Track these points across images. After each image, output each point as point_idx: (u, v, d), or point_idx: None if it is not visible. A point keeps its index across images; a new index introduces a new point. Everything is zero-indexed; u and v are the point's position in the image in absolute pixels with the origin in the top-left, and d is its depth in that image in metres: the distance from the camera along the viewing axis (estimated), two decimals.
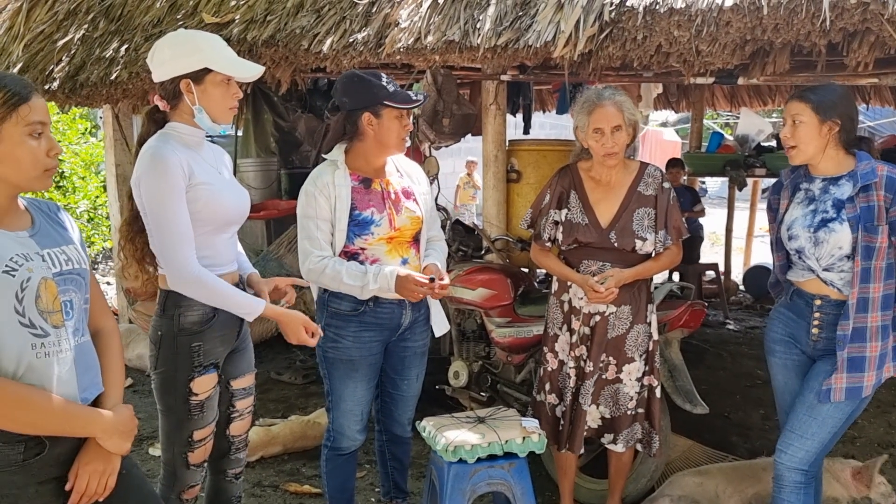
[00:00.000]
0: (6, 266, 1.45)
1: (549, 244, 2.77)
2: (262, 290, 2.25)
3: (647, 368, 2.73)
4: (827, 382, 2.25)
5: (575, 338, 2.72)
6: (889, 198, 2.17)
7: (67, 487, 1.56)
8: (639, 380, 2.71)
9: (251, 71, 2.14)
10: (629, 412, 2.72)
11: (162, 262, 2.07)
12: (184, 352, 2.10)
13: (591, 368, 2.69)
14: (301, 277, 2.45)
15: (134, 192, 2.08)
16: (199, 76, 2.06)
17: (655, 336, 2.75)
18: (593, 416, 2.75)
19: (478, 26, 3.11)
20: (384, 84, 2.38)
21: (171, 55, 2.07)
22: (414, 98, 2.42)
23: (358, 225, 2.42)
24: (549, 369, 2.80)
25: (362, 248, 2.44)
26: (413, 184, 2.58)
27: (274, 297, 2.29)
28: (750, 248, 8.32)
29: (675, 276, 6.61)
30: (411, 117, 4.28)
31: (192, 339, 2.10)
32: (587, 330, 2.70)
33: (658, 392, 2.75)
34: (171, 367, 2.12)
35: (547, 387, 2.80)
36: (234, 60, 2.13)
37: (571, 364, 2.73)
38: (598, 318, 2.68)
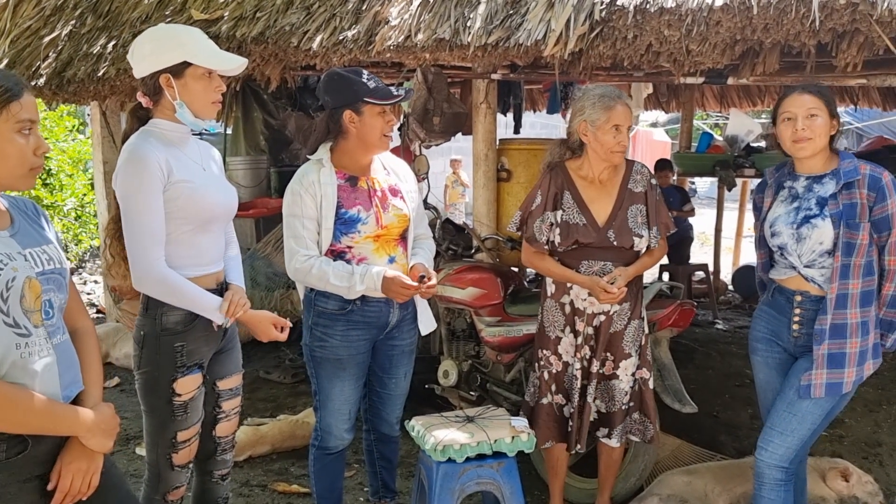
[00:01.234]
0: None
1: (546, 247, 2.74)
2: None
3: (639, 362, 2.74)
4: (807, 378, 2.26)
5: (580, 339, 2.72)
6: (872, 196, 2.20)
7: (50, 487, 1.54)
8: (633, 374, 2.73)
9: (232, 63, 2.10)
10: (623, 407, 2.73)
11: (129, 260, 2.03)
12: (166, 352, 2.08)
13: (597, 367, 2.71)
14: (288, 277, 2.43)
15: (115, 190, 2.07)
16: (179, 70, 2.03)
17: (646, 329, 2.78)
18: (590, 411, 2.75)
19: (468, 24, 3.11)
20: (364, 81, 2.36)
21: (150, 50, 2.05)
22: (395, 93, 2.39)
23: (345, 223, 2.40)
24: (554, 371, 2.78)
25: (349, 247, 2.43)
26: (400, 181, 2.56)
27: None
28: (739, 248, 8.36)
29: (665, 276, 6.63)
30: (402, 115, 4.27)
31: (174, 339, 2.08)
32: (591, 330, 2.71)
33: (650, 383, 2.77)
34: (153, 367, 2.09)
35: (553, 388, 2.78)
36: (215, 53, 2.09)
37: (577, 365, 2.73)
38: (602, 317, 2.69)
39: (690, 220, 6.74)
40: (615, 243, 2.63)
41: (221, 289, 2.21)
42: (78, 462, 1.56)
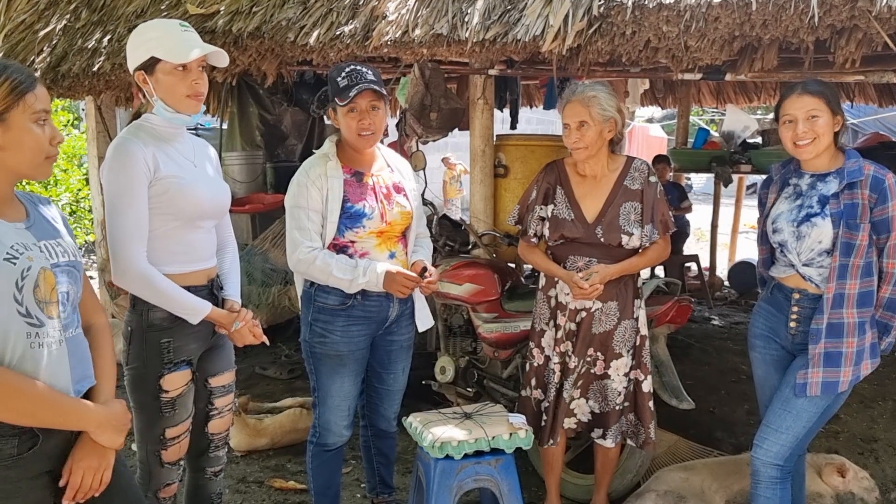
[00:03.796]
0: (7, 254, 1.45)
1: (535, 240, 2.77)
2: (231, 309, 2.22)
3: (633, 363, 2.73)
4: (802, 376, 2.26)
5: (560, 333, 2.72)
6: (874, 197, 2.18)
7: (62, 483, 1.54)
8: (626, 375, 2.72)
9: (195, 54, 2.03)
10: (617, 407, 2.73)
11: (111, 254, 2.03)
12: (153, 348, 2.07)
13: (576, 364, 2.69)
14: (288, 271, 2.43)
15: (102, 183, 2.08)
16: (150, 66, 2.03)
17: (644, 331, 2.75)
18: (583, 410, 2.75)
19: (466, 20, 3.10)
20: (338, 80, 2.36)
21: (129, 48, 2.08)
22: (354, 92, 2.31)
23: (350, 218, 2.41)
24: (536, 364, 2.80)
25: (352, 241, 2.43)
26: (403, 179, 2.58)
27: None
28: (735, 244, 8.37)
29: (658, 270, 6.64)
30: (398, 111, 4.25)
31: (161, 335, 2.07)
32: (573, 326, 2.70)
33: (646, 386, 2.75)
34: (140, 364, 2.09)
35: (533, 382, 2.80)
36: (178, 45, 2.03)
37: (556, 360, 2.73)
38: (584, 314, 2.68)
39: (687, 215, 6.76)
40: (602, 240, 2.62)
41: (212, 285, 2.20)
42: (89, 459, 1.57)
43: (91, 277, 7.92)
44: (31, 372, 1.48)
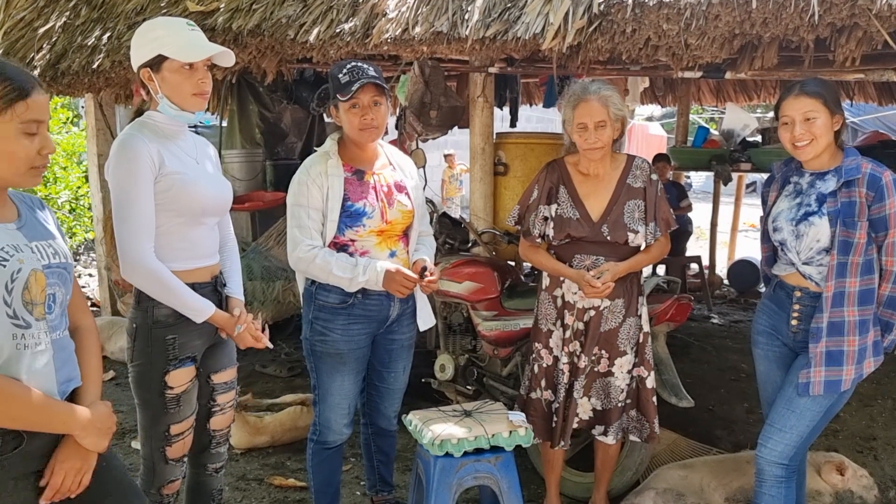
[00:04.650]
0: None
1: (539, 240, 2.75)
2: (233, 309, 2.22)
3: (636, 360, 2.73)
4: (805, 375, 2.25)
5: (569, 333, 2.71)
6: (871, 195, 2.18)
7: (42, 483, 1.54)
8: (629, 372, 2.72)
9: (205, 53, 2.05)
10: (619, 404, 2.73)
11: (118, 250, 2.03)
12: (158, 344, 2.07)
13: (585, 363, 2.69)
14: (290, 270, 2.43)
15: (107, 180, 2.07)
16: (157, 63, 2.03)
17: (646, 328, 2.75)
18: (584, 408, 2.74)
19: (466, 17, 3.10)
20: (339, 76, 2.36)
21: (134, 45, 2.08)
22: (356, 87, 2.31)
23: (350, 216, 2.40)
24: (544, 365, 2.78)
25: (352, 240, 2.43)
26: (405, 177, 2.57)
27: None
28: (734, 243, 8.37)
29: (660, 269, 6.64)
30: (397, 108, 4.25)
31: (166, 332, 2.07)
32: (581, 325, 2.70)
33: (649, 382, 2.74)
34: (145, 360, 2.09)
35: (543, 383, 2.78)
36: (187, 44, 2.04)
37: (565, 360, 2.72)
38: (592, 312, 2.68)
39: (687, 214, 6.76)
40: (609, 238, 2.62)
41: (216, 282, 2.20)
42: (71, 461, 1.56)
43: (90, 276, 7.87)
44: (16, 373, 1.47)
